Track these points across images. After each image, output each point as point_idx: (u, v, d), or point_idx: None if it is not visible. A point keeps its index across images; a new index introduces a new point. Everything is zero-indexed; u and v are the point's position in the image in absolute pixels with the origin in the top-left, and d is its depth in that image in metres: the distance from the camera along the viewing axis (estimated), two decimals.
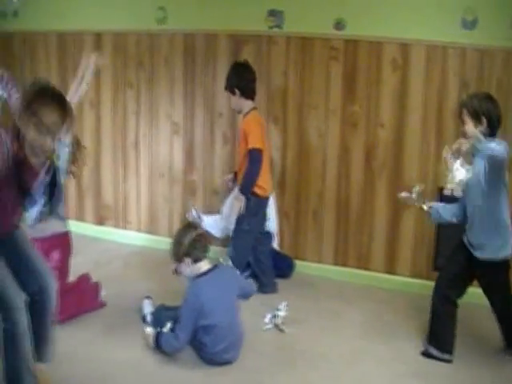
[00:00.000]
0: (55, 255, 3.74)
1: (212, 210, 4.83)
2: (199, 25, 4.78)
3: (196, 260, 3.39)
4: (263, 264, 4.39)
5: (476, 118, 3.22)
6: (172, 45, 4.93)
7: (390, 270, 4.52)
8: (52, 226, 3.58)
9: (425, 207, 3.58)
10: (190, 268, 3.40)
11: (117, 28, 5.03)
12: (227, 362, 3.34)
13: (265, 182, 4.21)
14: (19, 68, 5.55)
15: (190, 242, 3.37)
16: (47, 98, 2.57)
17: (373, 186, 4.48)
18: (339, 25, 4.37)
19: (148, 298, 3.84)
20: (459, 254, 3.44)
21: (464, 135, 3.29)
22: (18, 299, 2.66)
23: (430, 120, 4.27)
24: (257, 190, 4.16)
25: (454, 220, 3.52)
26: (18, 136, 2.57)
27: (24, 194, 2.70)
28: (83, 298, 3.86)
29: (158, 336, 3.39)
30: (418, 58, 4.24)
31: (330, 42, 4.43)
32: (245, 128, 4.14)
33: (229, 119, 4.81)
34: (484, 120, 3.21)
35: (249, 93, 4.17)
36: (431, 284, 4.26)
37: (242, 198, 4.11)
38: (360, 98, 4.43)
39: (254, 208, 4.18)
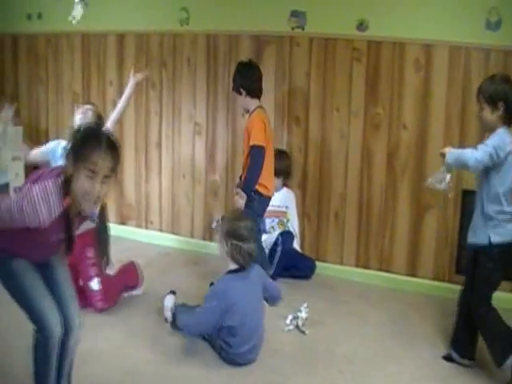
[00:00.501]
0: (89, 252, 3.88)
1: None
2: (222, 25, 4.80)
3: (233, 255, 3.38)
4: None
5: (492, 103, 3.08)
6: (194, 45, 4.96)
7: (412, 272, 4.49)
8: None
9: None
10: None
11: (139, 29, 5.06)
12: (248, 363, 3.34)
13: (268, 182, 4.19)
14: (44, 69, 5.63)
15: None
16: (98, 143, 2.41)
17: (395, 187, 4.46)
18: (362, 26, 4.36)
19: (172, 292, 3.84)
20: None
21: (480, 121, 3.22)
22: (55, 321, 2.60)
23: (453, 121, 4.24)
24: (260, 189, 4.15)
25: None
26: (66, 186, 2.42)
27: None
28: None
29: (176, 309, 3.41)
30: (441, 59, 4.21)
31: (352, 42, 4.42)
32: (248, 126, 4.14)
33: None
34: (501, 105, 3.07)
35: (254, 92, 4.16)
36: (454, 287, 4.26)
37: (244, 196, 4.09)
38: (382, 99, 4.41)
39: (258, 208, 4.17)
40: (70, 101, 5.53)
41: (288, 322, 3.80)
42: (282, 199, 4.65)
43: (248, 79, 4.14)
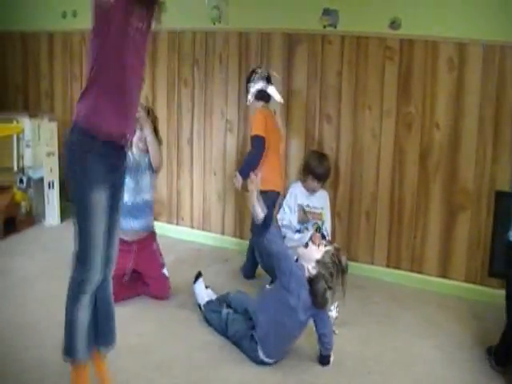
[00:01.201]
0: (154, 246, 4.21)
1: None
2: (254, 23, 4.79)
3: None
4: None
5: None
6: (226, 43, 4.96)
7: (444, 273, 4.44)
8: None
9: None
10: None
11: (172, 26, 5.07)
12: (276, 362, 3.36)
13: (273, 176, 4.35)
14: (78, 66, 5.69)
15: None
16: None
17: (427, 187, 4.41)
18: (394, 24, 4.31)
19: (199, 276, 3.92)
20: None
21: None
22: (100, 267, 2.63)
23: (486, 121, 4.18)
24: (263, 185, 4.16)
25: None
26: None
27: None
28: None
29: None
30: (475, 58, 4.15)
31: (384, 41, 4.38)
32: (251, 120, 4.42)
33: (282, 117, 4.80)
34: None
35: (261, 96, 4.34)
36: (486, 290, 4.27)
37: (240, 179, 4.27)
38: (415, 98, 4.36)
39: (266, 202, 4.20)
40: None
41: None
42: (319, 200, 4.62)
43: None
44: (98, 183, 2.54)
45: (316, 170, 4.41)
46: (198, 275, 4.03)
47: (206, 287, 3.95)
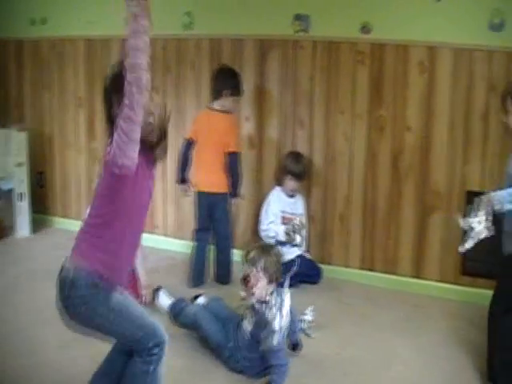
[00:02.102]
0: None
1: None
2: (225, 30, 4.81)
3: None
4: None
5: None
6: (198, 50, 4.97)
7: (418, 274, 4.49)
8: None
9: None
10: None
11: None
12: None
13: (197, 177, 4.48)
14: (48, 74, 5.65)
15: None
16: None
17: (399, 189, 4.47)
18: (365, 28, 4.37)
19: (158, 289, 3.83)
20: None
21: (506, 127, 3.11)
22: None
23: (457, 123, 4.25)
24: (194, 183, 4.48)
25: None
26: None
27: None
28: None
29: None
30: (445, 61, 4.22)
31: (356, 45, 4.43)
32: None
33: (255, 123, 4.83)
34: None
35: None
36: (459, 288, 4.33)
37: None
38: (386, 101, 4.42)
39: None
40: (74, 106, 5.55)
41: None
42: (298, 206, 4.65)
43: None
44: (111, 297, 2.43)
45: (293, 168, 4.49)
46: (157, 289, 3.88)
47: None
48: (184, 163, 4.49)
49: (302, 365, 3.40)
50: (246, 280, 3.27)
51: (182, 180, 4.52)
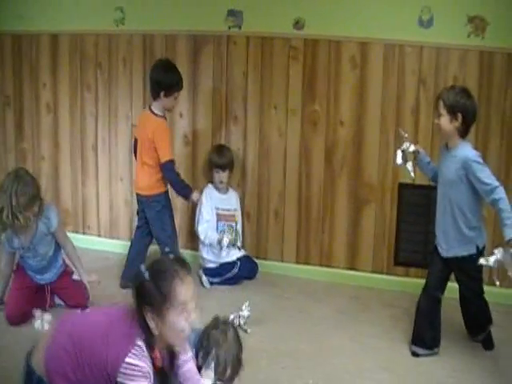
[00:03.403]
0: None
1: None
2: (158, 25, 4.76)
3: None
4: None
5: (452, 113, 3.20)
6: (130, 46, 4.90)
7: (352, 265, 4.55)
8: None
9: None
10: None
11: (74, 29, 4.97)
12: None
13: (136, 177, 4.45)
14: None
15: None
16: (177, 274, 2.22)
17: (333, 183, 4.51)
18: (298, 24, 4.41)
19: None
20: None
21: (439, 128, 3.31)
22: None
23: (388, 117, 4.33)
24: None
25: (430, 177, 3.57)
26: (149, 339, 2.24)
27: None
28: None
29: None
30: (376, 57, 4.29)
31: (289, 41, 4.46)
32: None
33: (189, 120, 4.80)
34: (459, 116, 3.20)
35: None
36: (393, 279, 4.42)
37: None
38: (320, 96, 4.46)
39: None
40: (1, 105, 5.38)
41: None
42: (231, 202, 4.64)
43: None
44: None
45: (217, 160, 4.52)
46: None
47: None
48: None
49: None
50: None
51: None
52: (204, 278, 4.42)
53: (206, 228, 4.52)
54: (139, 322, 2.24)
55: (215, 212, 4.55)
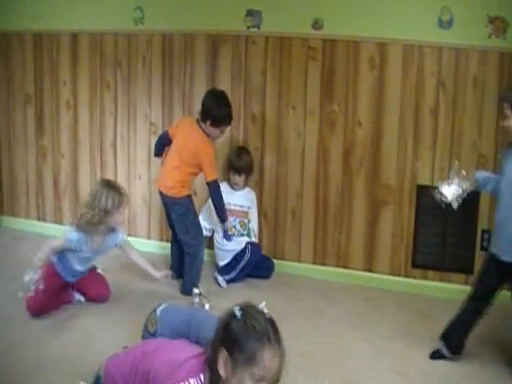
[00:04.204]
0: None
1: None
2: (177, 25, 4.77)
3: None
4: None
5: None
6: (149, 45, 4.92)
7: (369, 267, 4.53)
8: None
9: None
10: None
11: (93, 28, 5.01)
12: None
13: (161, 175, 4.49)
14: None
15: None
16: (267, 338, 2.03)
17: (351, 184, 4.50)
18: (317, 24, 4.39)
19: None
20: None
21: (506, 130, 3.21)
22: None
23: (407, 118, 4.31)
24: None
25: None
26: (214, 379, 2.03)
27: None
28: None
29: None
30: (395, 57, 4.27)
31: (307, 41, 4.45)
32: None
33: None
34: None
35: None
36: (410, 281, 4.39)
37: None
38: (338, 97, 4.45)
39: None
40: (22, 102, 5.44)
41: None
42: (245, 199, 4.65)
43: None
44: None
45: (235, 163, 4.55)
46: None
47: None
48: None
49: None
50: None
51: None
52: (220, 278, 4.44)
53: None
54: (208, 361, 2.06)
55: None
